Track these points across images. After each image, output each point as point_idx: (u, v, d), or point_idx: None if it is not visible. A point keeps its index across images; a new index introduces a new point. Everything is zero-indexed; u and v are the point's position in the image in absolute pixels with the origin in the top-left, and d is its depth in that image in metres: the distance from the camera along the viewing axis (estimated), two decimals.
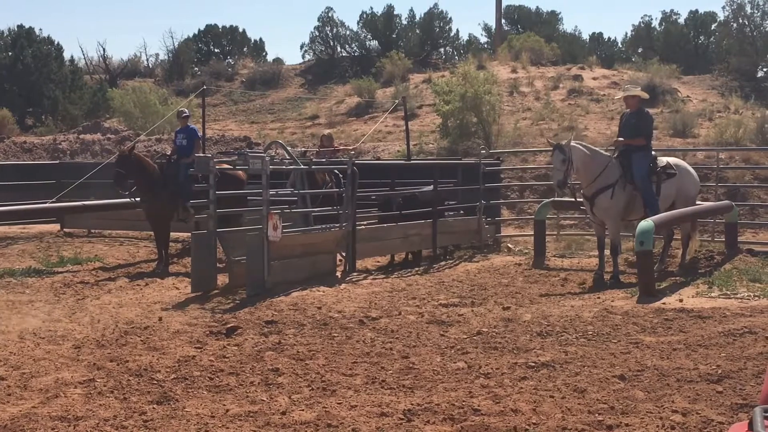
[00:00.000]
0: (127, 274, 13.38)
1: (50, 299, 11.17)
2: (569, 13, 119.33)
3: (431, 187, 14.96)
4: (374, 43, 46.73)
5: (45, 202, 16.64)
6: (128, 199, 14.56)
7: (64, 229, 18.71)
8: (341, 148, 18.29)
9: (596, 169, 12.22)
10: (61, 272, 13.39)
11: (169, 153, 15.49)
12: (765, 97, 32.69)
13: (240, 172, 14.02)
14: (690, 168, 13.37)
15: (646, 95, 13.32)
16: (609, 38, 51.96)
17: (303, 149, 18.00)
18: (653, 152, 12.64)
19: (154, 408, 6.38)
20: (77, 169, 19.74)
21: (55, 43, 41.84)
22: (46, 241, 17.09)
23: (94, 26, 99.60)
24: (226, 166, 13.79)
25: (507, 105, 30.68)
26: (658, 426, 5.82)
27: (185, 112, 15.20)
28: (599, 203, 12.29)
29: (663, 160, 12.81)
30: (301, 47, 49.85)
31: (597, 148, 12.91)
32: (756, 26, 38.44)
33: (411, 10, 66.34)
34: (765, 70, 38.39)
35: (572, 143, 12.31)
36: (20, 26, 40.91)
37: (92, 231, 18.53)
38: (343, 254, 13.33)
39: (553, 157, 12.26)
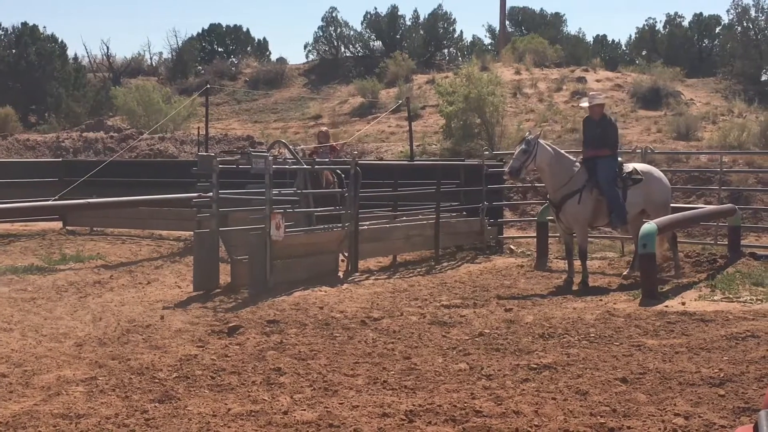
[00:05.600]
0: (129, 272, 13.39)
1: (52, 297, 11.17)
2: (573, 16, 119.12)
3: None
4: (378, 44, 46.76)
5: (48, 200, 16.64)
6: None
7: (67, 227, 18.73)
8: (337, 144, 18.05)
9: (561, 173, 12.23)
10: (64, 270, 13.40)
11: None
12: None
13: None
14: (659, 174, 13.22)
15: (607, 102, 13.25)
16: (613, 40, 51.98)
17: (301, 148, 17.76)
18: (619, 158, 12.63)
19: (155, 406, 6.38)
20: (80, 167, 19.79)
21: (59, 41, 41.98)
22: (48, 239, 17.11)
23: (98, 24, 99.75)
24: None
25: (510, 106, 30.65)
26: (660, 429, 5.81)
27: None
28: (566, 209, 12.27)
29: (629, 166, 12.75)
30: (305, 47, 49.90)
31: (564, 152, 12.90)
32: (760, 30, 38.42)
33: (415, 10, 66.30)
34: None
35: (540, 141, 12.40)
36: (24, 24, 41.08)
37: (95, 229, 18.53)
38: (346, 254, 13.32)
39: (518, 147, 12.32)
